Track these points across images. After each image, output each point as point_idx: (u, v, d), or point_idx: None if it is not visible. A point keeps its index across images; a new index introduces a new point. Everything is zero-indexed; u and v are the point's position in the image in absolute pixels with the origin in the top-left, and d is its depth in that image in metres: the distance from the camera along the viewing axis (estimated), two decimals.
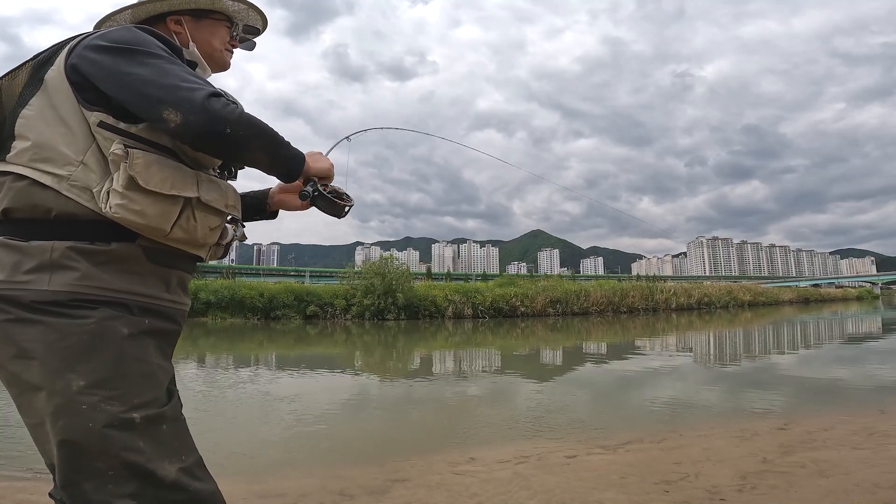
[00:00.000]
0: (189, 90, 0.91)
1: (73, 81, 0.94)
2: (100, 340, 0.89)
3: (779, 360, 8.53)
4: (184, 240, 0.99)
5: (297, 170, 1.07)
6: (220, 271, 32.75)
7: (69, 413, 0.85)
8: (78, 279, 0.89)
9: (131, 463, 0.87)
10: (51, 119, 0.93)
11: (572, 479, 2.76)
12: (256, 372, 7.91)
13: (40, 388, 0.86)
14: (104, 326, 0.90)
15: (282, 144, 1.03)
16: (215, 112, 0.91)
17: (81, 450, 0.86)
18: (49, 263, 0.88)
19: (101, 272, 0.92)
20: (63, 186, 0.91)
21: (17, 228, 0.91)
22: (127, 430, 0.88)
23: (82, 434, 0.85)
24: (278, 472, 3.07)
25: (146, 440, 0.89)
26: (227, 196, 1.06)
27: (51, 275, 0.88)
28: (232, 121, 0.93)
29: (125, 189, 0.90)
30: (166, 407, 0.95)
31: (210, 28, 1.18)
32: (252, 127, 0.96)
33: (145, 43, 0.96)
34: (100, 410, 0.86)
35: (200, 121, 0.90)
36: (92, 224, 0.92)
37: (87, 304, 0.89)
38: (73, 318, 0.88)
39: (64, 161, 0.91)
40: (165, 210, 0.94)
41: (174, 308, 1.04)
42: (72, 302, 0.88)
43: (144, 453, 0.88)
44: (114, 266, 0.93)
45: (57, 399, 0.86)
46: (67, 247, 0.90)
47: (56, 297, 0.88)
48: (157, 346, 0.98)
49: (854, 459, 2.93)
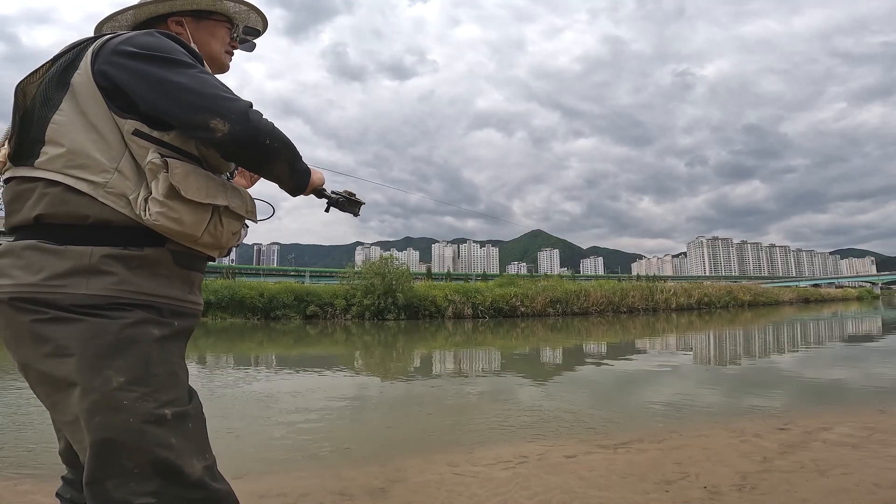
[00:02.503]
0: (231, 100, 0.94)
1: (102, 87, 0.94)
2: (133, 341, 0.91)
3: (779, 360, 8.53)
4: (210, 244, 1.03)
5: (306, 183, 1.12)
6: (221, 271, 32.72)
7: (107, 409, 0.87)
8: (115, 283, 0.92)
9: (162, 459, 0.89)
10: (81, 125, 0.93)
11: (572, 479, 2.76)
12: (256, 372, 7.91)
13: (75, 384, 0.88)
14: (138, 328, 0.92)
15: (299, 158, 1.08)
16: (257, 123, 0.95)
17: (116, 446, 0.87)
18: (87, 268, 0.90)
19: (135, 276, 0.94)
20: (99, 193, 0.92)
21: (51, 233, 0.92)
22: (161, 425, 0.90)
23: (121, 430, 0.87)
24: (278, 472, 3.06)
25: (177, 436, 0.92)
26: (248, 202, 1.10)
27: (88, 279, 0.90)
28: (269, 132, 0.97)
29: (165, 198, 0.92)
30: (189, 405, 0.98)
31: (210, 29, 1.19)
32: (282, 140, 1.01)
33: (174, 50, 0.97)
34: (139, 406, 0.89)
35: (245, 130, 0.93)
36: (126, 230, 0.94)
37: (122, 307, 0.92)
38: (110, 318, 0.90)
39: (99, 168, 0.93)
40: (200, 217, 0.97)
41: (195, 309, 1.08)
42: (109, 305, 0.91)
43: (175, 449, 0.90)
44: (146, 270, 0.96)
45: (94, 395, 0.87)
46: (105, 253, 0.92)
47: (93, 300, 0.90)
48: (179, 347, 1.01)
49: (854, 459, 2.93)
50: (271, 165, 1.02)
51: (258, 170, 1.06)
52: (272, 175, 1.06)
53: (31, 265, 0.90)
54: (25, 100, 0.97)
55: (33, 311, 0.88)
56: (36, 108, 0.96)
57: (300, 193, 1.14)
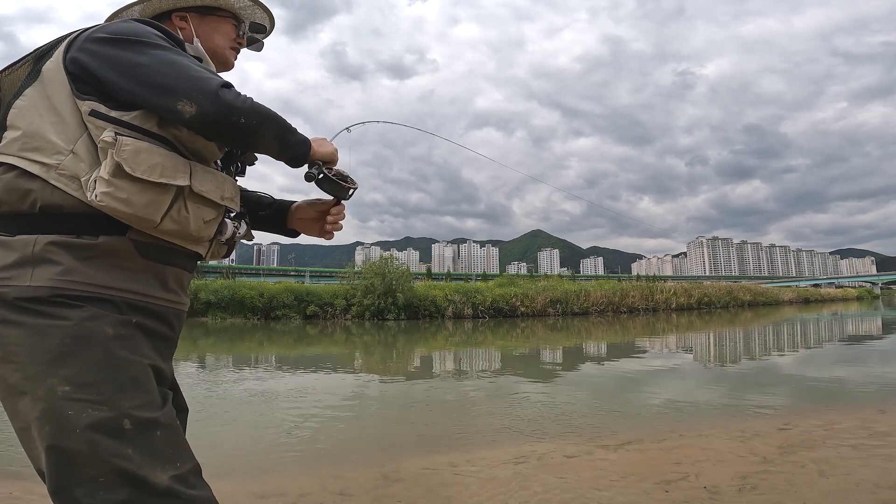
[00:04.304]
0: (201, 80, 0.90)
1: (71, 72, 0.92)
2: (84, 342, 0.85)
3: (779, 360, 8.53)
4: (175, 232, 0.95)
5: (304, 154, 1.06)
6: (220, 271, 32.74)
7: (55, 418, 0.83)
8: (60, 274, 0.86)
9: (122, 470, 0.84)
10: (42, 108, 0.91)
11: (572, 479, 2.76)
12: (256, 372, 7.91)
13: (24, 392, 0.84)
14: (87, 327, 0.86)
15: (290, 130, 1.03)
16: (229, 102, 0.91)
17: (69, 456, 0.83)
18: (31, 258, 0.86)
19: (86, 267, 0.88)
20: (51, 175, 0.88)
21: (5, 223, 0.89)
22: (115, 436, 0.84)
23: (69, 440, 0.82)
24: (278, 472, 3.06)
25: (136, 447, 0.85)
26: (224, 188, 1.02)
27: (33, 270, 0.85)
28: (245, 110, 0.93)
29: (111, 176, 0.86)
30: (160, 412, 0.90)
31: (214, 25, 1.18)
32: (263, 115, 0.96)
33: (146, 34, 0.95)
34: (86, 416, 0.83)
35: (215, 110, 0.89)
36: (79, 216, 0.89)
37: (69, 302, 0.86)
38: (54, 317, 0.84)
39: (53, 150, 0.89)
40: (154, 199, 0.89)
41: (170, 307, 1.01)
42: (53, 298, 0.85)
43: (134, 460, 0.84)
44: (101, 261, 0.90)
45: (41, 404, 0.83)
46: (50, 241, 0.87)
47: (36, 292, 0.84)
48: (151, 346, 0.95)
49: (854, 459, 2.93)
50: (256, 142, 0.99)
51: (244, 148, 1.04)
52: (260, 151, 1.03)
53: None
54: (1, 92, 0.97)
55: None
56: (5, 98, 0.96)
57: (300, 165, 1.08)
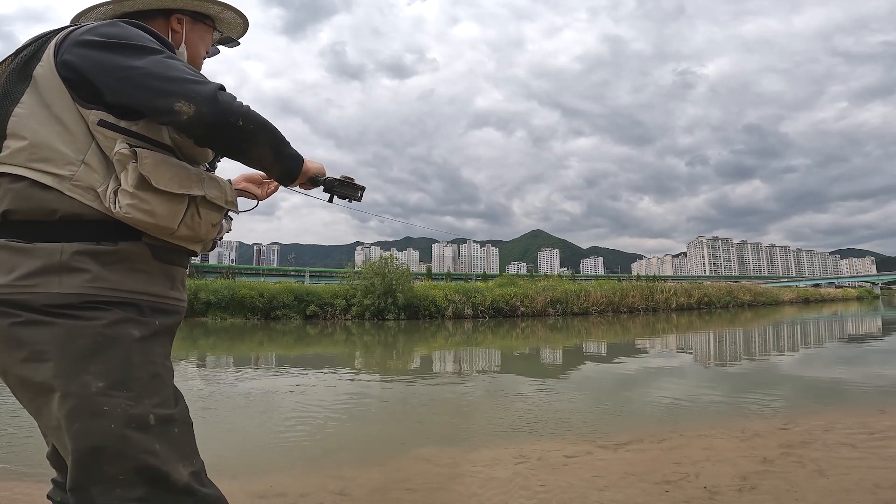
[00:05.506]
0: (198, 83, 0.91)
1: (65, 77, 0.91)
2: (112, 342, 0.88)
3: (779, 360, 8.53)
4: (188, 237, 0.99)
5: (297, 168, 1.07)
6: (220, 271, 32.75)
7: (88, 415, 0.84)
8: (89, 281, 0.88)
9: (147, 466, 0.86)
10: (44, 117, 0.90)
11: (572, 479, 2.76)
12: (256, 371, 7.90)
13: (54, 389, 0.85)
14: (116, 328, 0.89)
15: (284, 142, 1.03)
16: (227, 104, 0.91)
17: (99, 452, 0.84)
18: (58, 266, 0.87)
19: (111, 273, 0.91)
20: (66, 187, 0.89)
21: (18, 231, 0.89)
22: (145, 431, 0.87)
23: (102, 436, 0.84)
24: (278, 472, 3.06)
25: (161, 442, 0.88)
26: (227, 192, 1.06)
27: (61, 277, 0.87)
28: (242, 113, 0.93)
29: (136, 189, 0.89)
30: (175, 409, 0.94)
31: (201, 33, 1.18)
32: (259, 122, 0.96)
33: (138, 37, 0.94)
34: (120, 411, 0.86)
35: (213, 111, 0.90)
36: (97, 224, 0.91)
37: (99, 306, 0.88)
38: (86, 319, 0.87)
39: (64, 160, 0.89)
40: (174, 209, 0.94)
41: (178, 306, 1.05)
42: (84, 304, 0.87)
43: (160, 456, 0.87)
44: (122, 266, 0.93)
45: (73, 401, 0.84)
46: (76, 249, 0.88)
47: (67, 299, 0.87)
48: (163, 347, 0.98)
49: (854, 459, 2.92)
50: (250, 149, 0.97)
51: (238, 155, 1.01)
52: (254, 160, 1.01)
53: (1, 265, 0.87)
54: None
55: (7, 314, 0.86)
56: None
57: (292, 181, 1.08)
